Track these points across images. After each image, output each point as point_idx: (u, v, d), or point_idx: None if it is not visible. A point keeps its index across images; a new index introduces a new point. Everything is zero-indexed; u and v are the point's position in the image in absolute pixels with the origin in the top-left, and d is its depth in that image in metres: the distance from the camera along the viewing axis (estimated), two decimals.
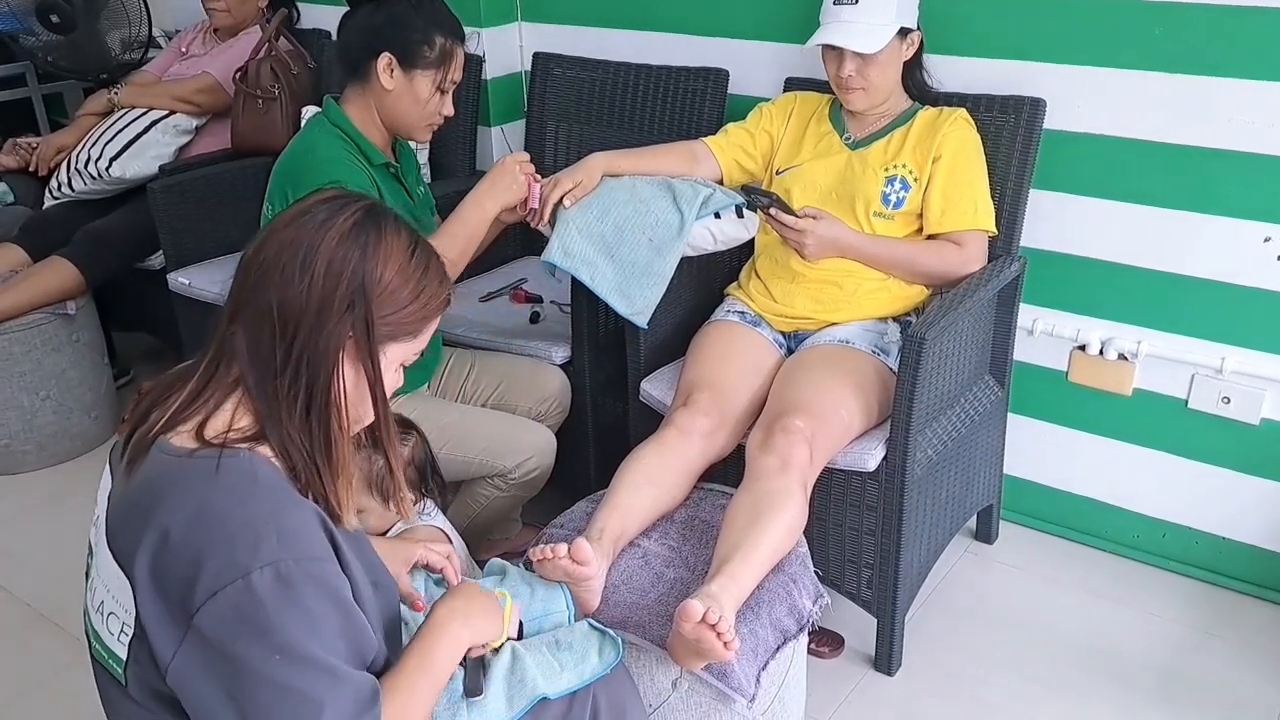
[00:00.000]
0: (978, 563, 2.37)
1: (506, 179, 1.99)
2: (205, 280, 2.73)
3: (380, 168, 1.97)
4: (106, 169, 2.90)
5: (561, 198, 2.03)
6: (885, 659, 2.05)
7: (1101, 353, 2.26)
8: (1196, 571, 2.30)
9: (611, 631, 1.46)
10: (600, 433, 2.32)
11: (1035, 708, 1.98)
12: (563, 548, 1.48)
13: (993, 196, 2.10)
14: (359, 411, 1.14)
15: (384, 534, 1.65)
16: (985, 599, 2.26)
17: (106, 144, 2.92)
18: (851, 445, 1.89)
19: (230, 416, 1.09)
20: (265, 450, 1.09)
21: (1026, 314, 2.26)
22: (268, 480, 1.07)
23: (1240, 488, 2.21)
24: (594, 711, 1.39)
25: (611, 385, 2.30)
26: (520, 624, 1.41)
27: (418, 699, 1.15)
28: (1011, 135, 2.13)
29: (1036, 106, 2.11)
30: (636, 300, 2.06)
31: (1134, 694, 2.01)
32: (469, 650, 1.27)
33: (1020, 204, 2.14)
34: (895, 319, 2.09)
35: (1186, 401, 2.21)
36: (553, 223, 2.05)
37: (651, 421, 2.11)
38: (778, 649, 1.63)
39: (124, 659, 1.07)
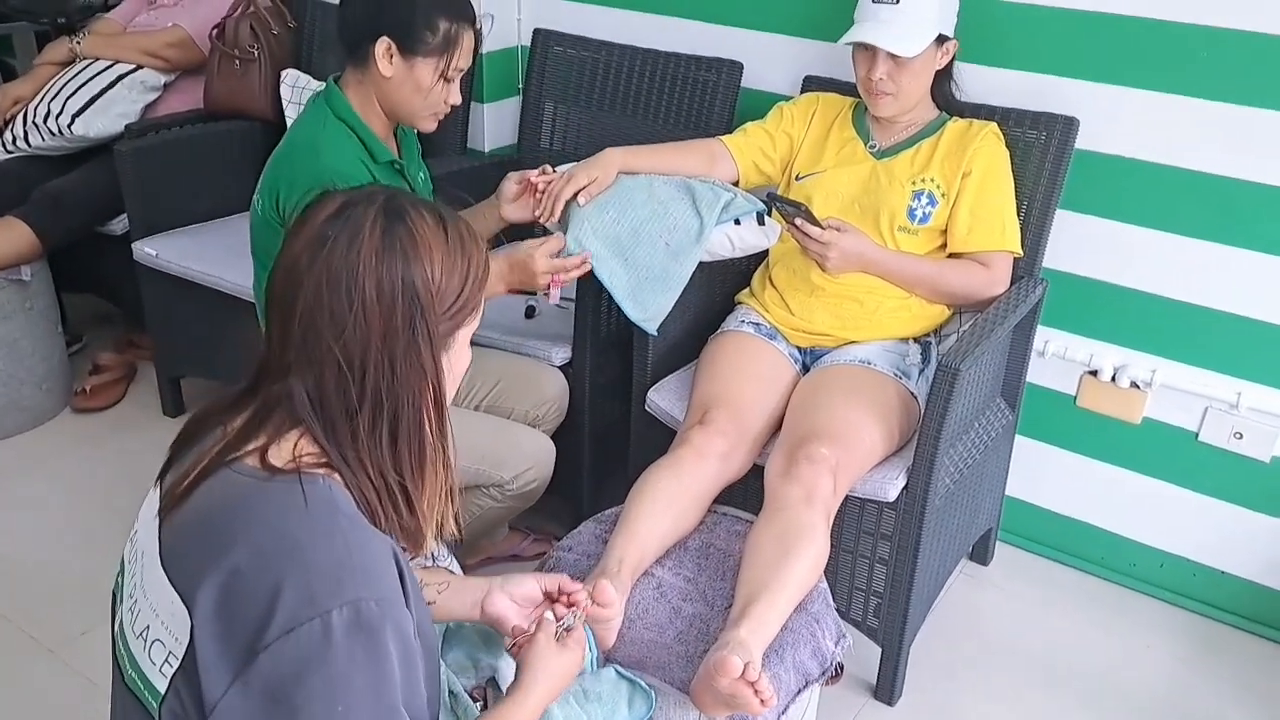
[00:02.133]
0: (974, 585, 2.33)
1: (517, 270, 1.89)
2: (173, 251, 2.56)
3: (385, 165, 1.83)
4: (68, 126, 2.70)
5: (575, 194, 1.91)
6: (887, 689, 2.00)
7: (1114, 379, 2.22)
8: (1192, 603, 2.28)
9: (642, 682, 1.38)
10: (596, 437, 2.22)
11: None
12: (583, 595, 1.38)
13: (1018, 215, 2.03)
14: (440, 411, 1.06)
15: None
16: (981, 624, 2.22)
17: (68, 98, 2.72)
18: (871, 473, 1.82)
19: (294, 445, 1.00)
20: (337, 478, 1.00)
21: (1039, 335, 2.20)
22: (348, 511, 0.99)
23: (1244, 523, 2.19)
24: None
25: (611, 388, 2.20)
26: None
27: None
28: (1042, 153, 2.06)
29: (1070, 125, 2.04)
30: (649, 306, 1.96)
31: None
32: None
33: (1046, 225, 2.07)
34: (915, 339, 2.02)
35: (1197, 434, 2.18)
36: (564, 221, 1.94)
37: (655, 431, 2.02)
38: (799, 692, 1.56)
39: (162, 692, 0.97)
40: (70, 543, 2.33)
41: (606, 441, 2.24)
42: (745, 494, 1.85)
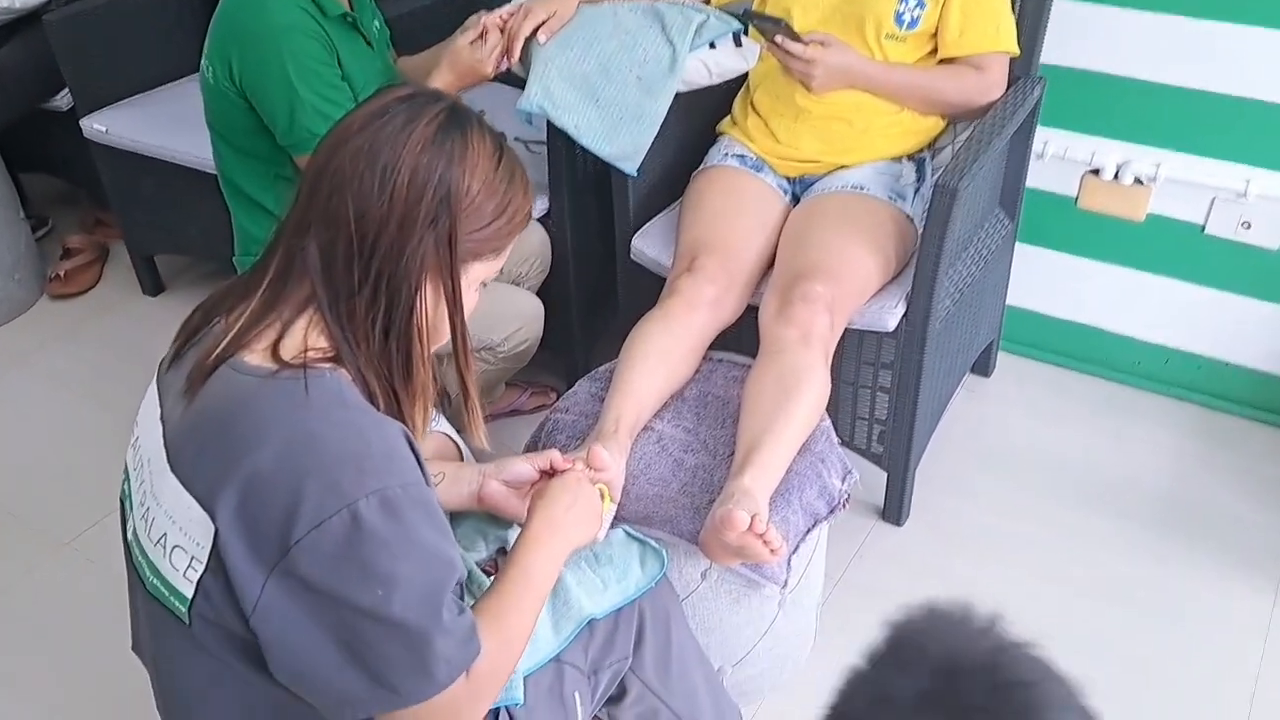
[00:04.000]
0: (976, 398, 2.31)
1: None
2: (125, 125, 2.42)
3: (336, 20, 1.69)
4: None
5: (534, 31, 1.78)
6: (895, 511, 2.01)
7: (1116, 177, 2.13)
8: (1198, 397, 2.27)
9: (652, 541, 1.37)
10: (585, 288, 2.16)
11: (1042, 546, 1.97)
12: (579, 463, 1.35)
13: (1012, 9, 1.89)
14: (438, 333, 1.05)
15: None
16: (985, 436, 2.21)
17: None
18: (869, 303, 1.77)
19: (304, 336, 0.99)
20: (344, 373, 1.00)
21: (1037, 137, 2.09)
22: (356, 402, 0.98)
23: (1250, 313, 2.14)
24: (640, 626, 1.32)
25: (594, 237, 2.12)
26: None
27: (519, 619, 1.09)
28: None
29: None
30: (626, 146, 1.85)
31: (1137, 524, 2.01)
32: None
33: (1043, 17, 1.93)
34: (910, 157, 1.92)
35: (1203, 227, 2.11)
36: (525, 62, 1.81)
37: (643, 279, 1.95)
38: (808, 532, 1.55)
39: (190, 597, 0.97)
40: (65, 437, 2.31)
41: (596, 292, 2.18)
42: (741, 337, 1.80)
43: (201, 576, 0.96)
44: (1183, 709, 1.71)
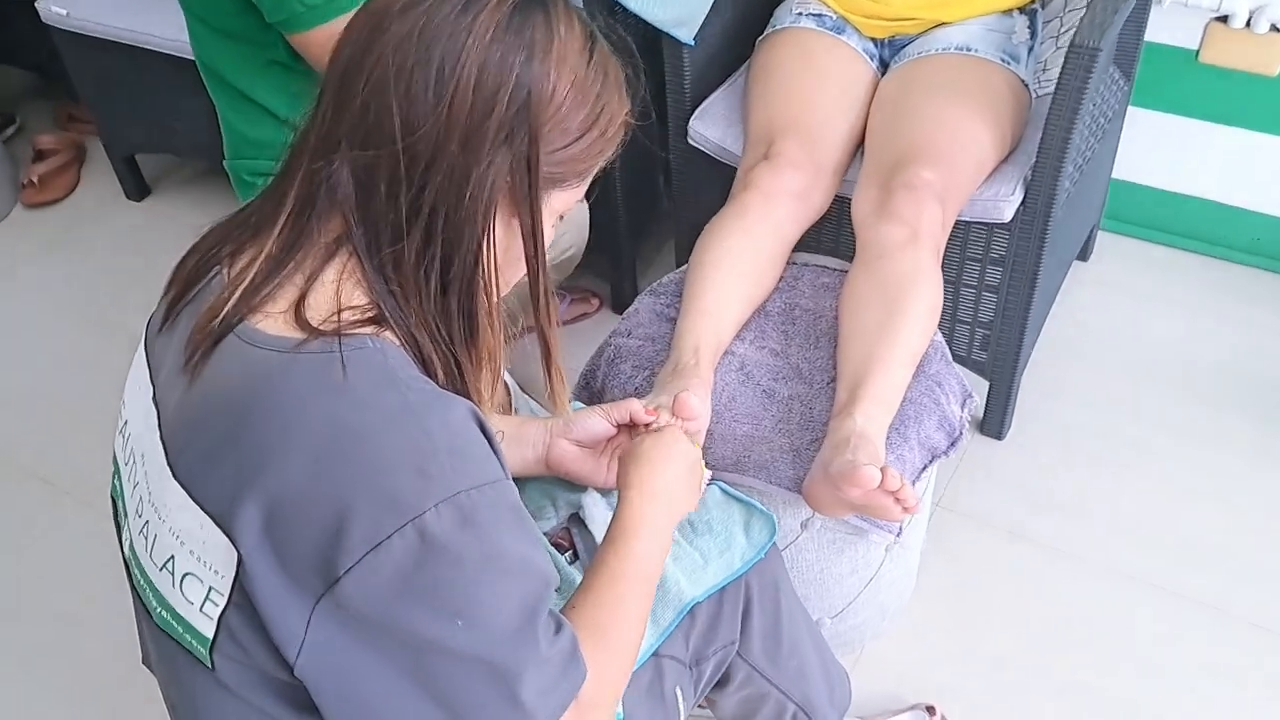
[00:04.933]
0: (1076, 286, 2.03)
1: None
2: (86, 7, 2.10)
3: None
4: None
5: None
6: (996, 424, 1.77)
7: (1248, 24, 1.81)
8: None
9: (758, 503, 1.13)
10: (629, 176, 1.87)
11: (1156, 454, 1.74)
12: (663, 413, 1.10)
13: None
14: (506, 280, 0.80)
15: None
16: (1089, 329, 1.96)
17: None
18: (980, 189, 1.49)
19: (335, 292, 0.75)
20: (389, 336, 0.75)
21: None
22: (409, 379, 0.73)
23: None
24: (746, 603, 1.10)
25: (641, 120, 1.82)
26: None
27: (626, 623, 0.86)
28: None
29: None
30: (680, 9, 1.55)
31: (1263, 422, 1.77)
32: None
33: None
34: (1021, 10, 1.61)
35: None
36: None
37: (701, 168, 1.67)
38: (924, 469, 1.32)
39: (211, 638, 0.75)
40: (55, 364, 2.07)
41: (644, 181, 1.89)
42: (825, 235, 1.54)
43: (224, 612, 0.74)
44: None
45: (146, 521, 0.79)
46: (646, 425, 1.08)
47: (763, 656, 1.14)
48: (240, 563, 0.70)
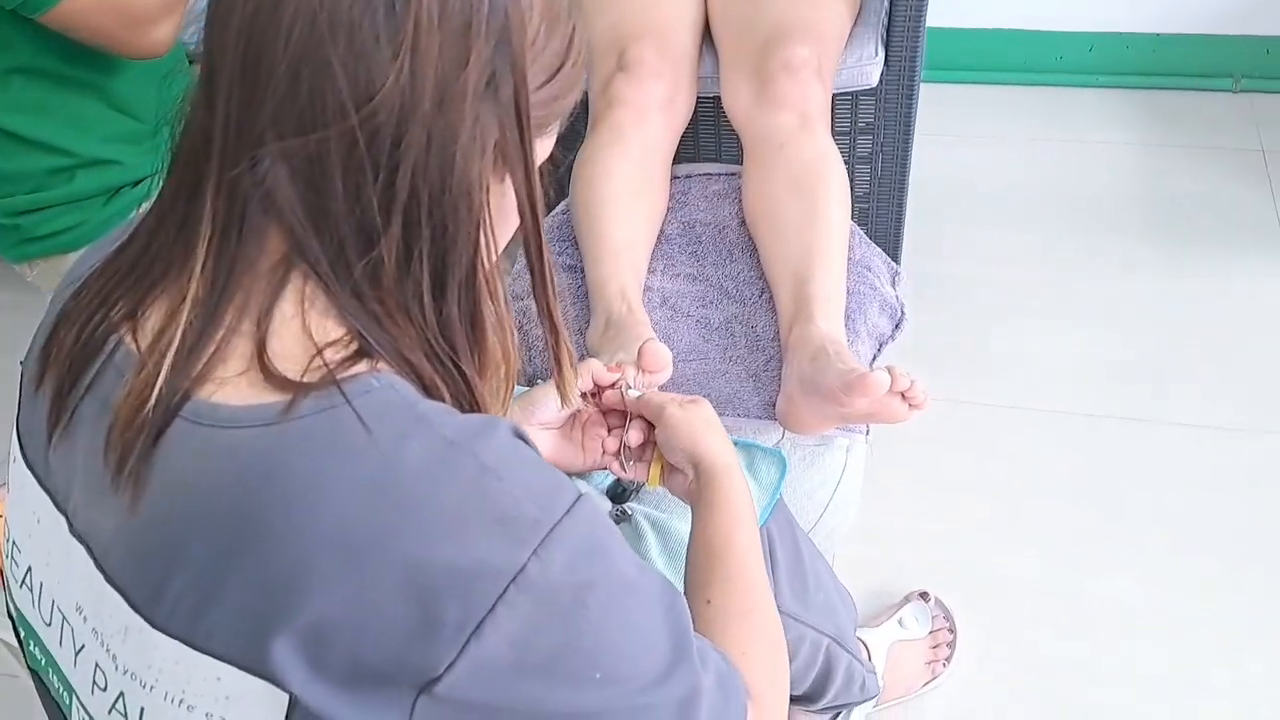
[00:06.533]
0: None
1: None
2: None
3: None
4: None
5: None
6: None
7: None
8: (1131, 80, 2.07)
9: (759, 443, 1.02)
10: None
11: (1046, 285, 1.76)
12: (628, 370, 0.96)
13: None
14: (499, 246, 0.63)
15: None
16: (944, 183, 1.94)
17: None
18: (843, 56, 1.41)
19: (301, 325, 0.56)
20: (384, 367, 0.57)
21: None
22: (433, 411, 0.56)
23: None
24: (770, 550, 1.00)
25: None
26: None
27: (759, 614, 0.73)
28: None
29: None
30: None
31: (1132, 237, 1.82)
32: None
33: None
34: None
35: None
36: None
37: None
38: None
39: None
40: None
41: None
42: (704, 140, 1.42)
43: None
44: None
45: (119, 694, 0.58)
46: (613, 385, 0.94)
47: (794, 601, 1.04)
48: (293, 705, 0.52)
